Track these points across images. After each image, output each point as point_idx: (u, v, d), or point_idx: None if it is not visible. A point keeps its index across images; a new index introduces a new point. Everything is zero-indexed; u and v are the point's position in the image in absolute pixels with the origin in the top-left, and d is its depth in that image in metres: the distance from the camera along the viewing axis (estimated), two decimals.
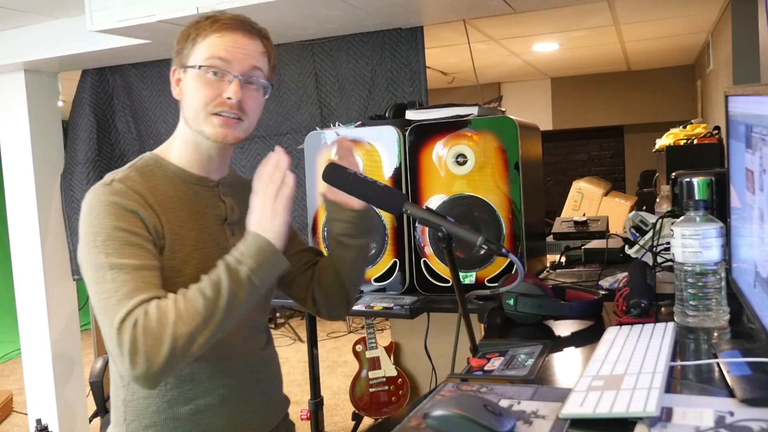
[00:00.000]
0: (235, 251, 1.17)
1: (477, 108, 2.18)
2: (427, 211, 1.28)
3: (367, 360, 3.30)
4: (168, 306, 1.10)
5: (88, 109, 3.44)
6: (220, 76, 1.24)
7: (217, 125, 1.25)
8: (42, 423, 3.14)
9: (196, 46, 1.25)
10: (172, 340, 1.07)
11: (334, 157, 1.36)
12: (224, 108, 1.24)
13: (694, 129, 3.72)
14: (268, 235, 1.17)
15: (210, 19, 1.27)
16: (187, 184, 1.30)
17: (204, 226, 1.28)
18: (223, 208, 1.32)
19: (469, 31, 3.27)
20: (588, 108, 6.93)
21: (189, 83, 1.26)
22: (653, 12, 3.88)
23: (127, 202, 1.18)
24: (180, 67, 1.29)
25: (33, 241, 3.43)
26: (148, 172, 1.28)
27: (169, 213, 1.23)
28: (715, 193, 1.89)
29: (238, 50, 1.25)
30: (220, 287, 1.12)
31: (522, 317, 1.53)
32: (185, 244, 1.24)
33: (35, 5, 2.75)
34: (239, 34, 1.26)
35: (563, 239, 2.69)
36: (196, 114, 1.25)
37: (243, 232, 1.30)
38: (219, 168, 1.34)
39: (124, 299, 1.10)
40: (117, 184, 1.21)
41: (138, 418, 1.27)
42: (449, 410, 0.94)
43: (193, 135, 1.29)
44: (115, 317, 1.09)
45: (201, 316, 1.10)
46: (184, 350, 1.09)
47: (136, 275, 1.13)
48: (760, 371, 1.04)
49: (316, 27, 2.78)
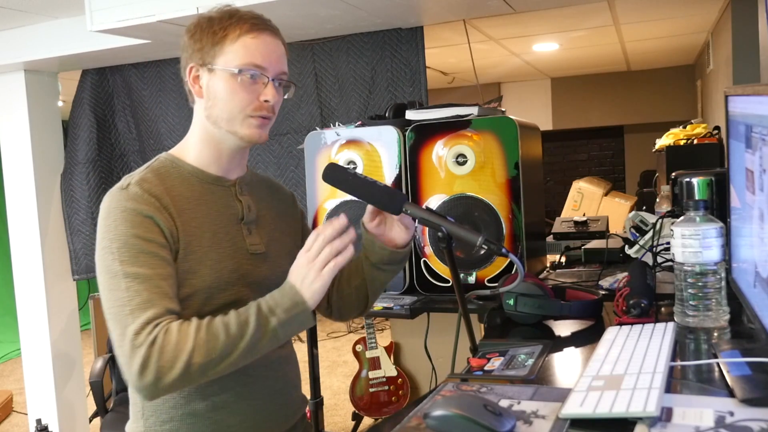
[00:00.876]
0: (270, 298, 1.17)
1: (477, 108, 2.18)
2: (427, 211, 1.28)
3: (367, 360, 3.30)
4: (189, 332, 1.11)
5: (88, 109, 3.44)
6: (255, 79, 1.25)
7: (255, 126, 1.27)
8: (42, 423, 3.15)
9: (227, 47, 1.24)
10: (185, 366, 1.09)
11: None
12: (262, 111, 1.26)
13: (694, 129, 3.73)
14: (307, 294, 1.17)
15: (234, 17, 1.26)
16: (203, 183, 1.30)
17: (220, 225, 1.28)
18: (239, 208, 1.32)
19: (469, 31, 3.27)
20: (588, 108, 6.93)
21: (221, 85, 1.25)
22: (653, 12, 3.88)
23: (143, 208, 1.19)
24: (201, 65, 1.26)
25: (33, 241, 3.43)
26: (164, 172, 1.27)
27: (185, 214, 1.24)
28: (715, 193, 1.89)
29: (272, 53, 1.26)
30: (245, 329, 1.14)
31: (522, 317, 1.53)
32: (201, 244, 1.24)
33: (35, 5, 2.75)
34: (269, 36, 1.27)
35: (563, 239, 2.69)
36: (232, 116, 1.26)
37: (260, 230, 1.33)
38: (237, 167, 1.35)
39: (137, 310, 1.12)
40: (133, 188, 1.21)
41: (156, 413, 1.28)
42: (449, 410, 0.94)
43: (218, 134, 1.29)
44: (128, 327, 1.11)
45: (218, 352, 1.12)
46: (194, 378, 1.12)
47: (150, 285, 1.14)
48: (760, 371, 1.04)
49: (316, 27, 2.78)
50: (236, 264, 1.28)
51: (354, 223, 1.21)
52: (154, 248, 1.17)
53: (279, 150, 3.18)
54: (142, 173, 1.26)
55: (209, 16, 1.27)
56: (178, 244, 1.21)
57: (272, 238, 1.37)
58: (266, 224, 1.37)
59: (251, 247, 1.31)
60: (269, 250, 1.35)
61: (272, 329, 1.15)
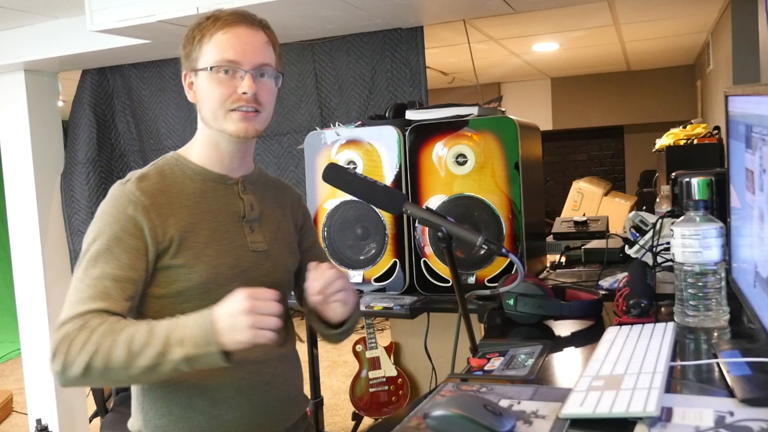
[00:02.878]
0: (185, 328, 1.12)
1: (477, 108, 2.18)
2: (427, 211, 1.28)
3: (367, 360, 3.30)
4: (98, 335, 1.13)
5: (88, 109, 3.44)
6: (231, 74, 1.26)
7: (237, 120, 1.27)
8: (42, 423, 3.14)
9: (203, 48, 1.27)
10: (86, 367, 1.12)
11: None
12: (241, 103, 1.27)
13: (694, 129, 3.73)
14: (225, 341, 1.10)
15: (211, 18, 1.29)
16: (206, 182, 1.32)
17: (220, 223, 1.30)
18: (241, 206, 1.34)
19: (469, 31, 3.27)
20: (588, 108, 6.93)
21: (202, 85, 1.28)
22: (653, 12, 3.88)
23: (129, 207, 1.22)
24: (190, 70, 1.31)
25: (33, 241, 3.43)
26: (167, 170, 1.31)
27: (183, 210, 1.26)
28: (715, 193, 1.89)
29: (245, 45, 1.27)
30: (146, 350, 1.11)
31: (522, 317, 1.53)
32: (197, 240, 1.26)
33: (35, 5, 2.75)
34: (243, 28, 1.28)
35: (563, 239, 2.69)
36: (215, 113, 1.28)
37: (263, 229, 1.34)
38: (240, 166, 1.36)
39: (79, 303, 1.17)
40: (130, 185, 1.25)
41: (154, 407, 1.29)
42: (449, 410, 0.94)
43: (213, 134, 1.31)
44: (63, 315, 1.17)
45: (117, 363, 1.12)
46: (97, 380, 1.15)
47: (100, 284, 1.18)
48: (760, 371, 1.04)
49: (316, 27, 2.78)
50: (235, 261, 1.29)
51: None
52: (124, 249, 1.20)
53: (279, 150, 3.18)
54: (145, 170, 1.30)
55: (196, 22, 1.31)
56: (166, 243, 1.23)
57: (276, 236, 1.38)
58: (270, 223, 1.38)
59: (252, 245, 1.32)
60: (272, 248, 1.36)
61: (176, 360, 1.10)
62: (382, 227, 2.25)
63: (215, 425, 1.28)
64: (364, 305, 2.15)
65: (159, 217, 1.23)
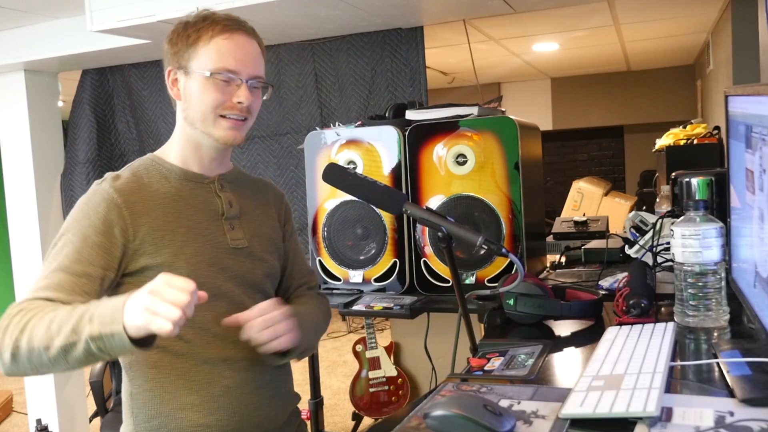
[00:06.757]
0: (100, 304, 1.08)
1: (477, 108, 2.18)
2: (427, 211, 1.28)
3: (367, 360, 3.30)
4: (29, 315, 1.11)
5: (88, 109, 3.44)
6: (228, 82, 1.27)
7: (227, 128, 1.28)
8: (42, 423, 3.14)
9: (200, 50, 1.27)
10: (13, 347, 1.10)
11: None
12: (234, 111, 1.28)
13: (694, 129, 3.73)
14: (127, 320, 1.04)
15: (207, 19, 1.28)
16: (182, 181, 1.33)
17: (197, 221, 1.31)
18: (219, 204, 1.35)
19: (469, 31, 3.27)
20: (588, 108, 6.93)
21: (195, 87, 1.28)
22: (653, 12, 3.88)
23: (101, 204, 1.24)
24: (178, 68, 1.30)
25: (33, 241, 3.43)
26: (142, 170, 1.33)
27: (157, 209, 1.27)
28: (715, 193, 1.89)
29: (245, 55, 1.28)
30: (62, 328, 1.07)
31: (522, 317, 1.53)
32: (174, 239, 1.26)
33: (35, 5, 2.75)
34: (242, 37, 1.29)
35: (563, 239, 2.69)
36: (204, 116, 1.28)
37: (243, 226, 1.35)
38: (218, 165, 1.38)
39: (30, 293, 1.18)
40: (105, 183, 1.27)
41: (144, 410, 1.29)
42: (449, 410, 0.94)
43: (196, 135, 1.32)
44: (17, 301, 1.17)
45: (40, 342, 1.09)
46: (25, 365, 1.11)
47: (55, 276, 1.18)
48: (760, 371, 1.04)
49: (316, 27, 2.78)
50: (215, 258, 1.29)
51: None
52: (88, 245, 1.21)
53: (279, 150, 3.18)
54: (121, 171, 1.33)
55: (186, 21, 1.31)
56: (140, 241, 1.24)
57: (257, 233, 1.39)
58: (251, 220, 1.39)
59: (233, 242, 1.33)
60: (253, 245, 1.36)
61: (85, 338, 1.05)
62: (382, 227, 2.25)
63: (206, 425, 1.28)
64: (364, 305, 2.15)
65: (131, 216, 1.24)
